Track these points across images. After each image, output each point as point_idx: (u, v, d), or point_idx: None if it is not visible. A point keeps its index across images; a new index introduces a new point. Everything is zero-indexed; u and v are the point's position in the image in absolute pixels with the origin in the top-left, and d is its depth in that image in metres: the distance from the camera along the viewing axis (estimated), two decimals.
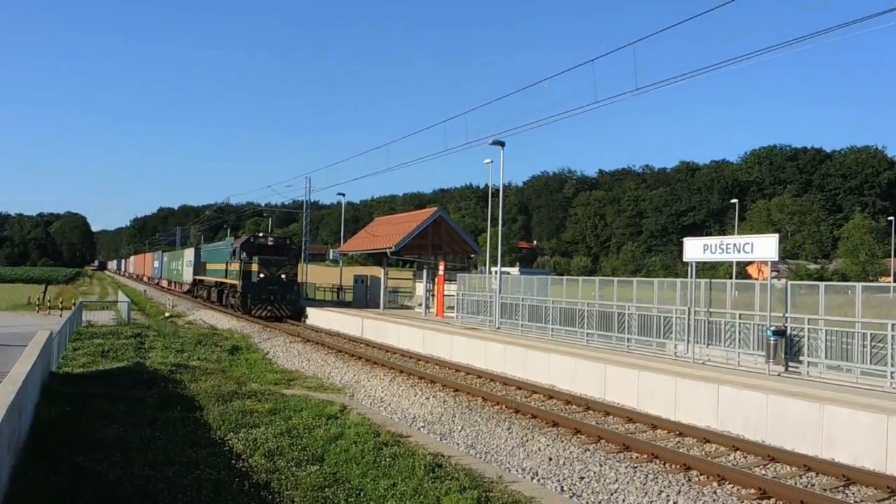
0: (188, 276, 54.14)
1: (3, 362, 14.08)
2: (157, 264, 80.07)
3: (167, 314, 39.57)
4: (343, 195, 52.84)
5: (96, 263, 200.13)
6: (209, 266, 46.08)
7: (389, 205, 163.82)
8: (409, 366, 20.20)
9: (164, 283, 71.27)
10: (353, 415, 13.53)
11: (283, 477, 9.27)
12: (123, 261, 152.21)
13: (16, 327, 27.30)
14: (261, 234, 39.85)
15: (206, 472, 9.20)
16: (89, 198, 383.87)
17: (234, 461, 9.95)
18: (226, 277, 39.54)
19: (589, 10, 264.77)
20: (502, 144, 27.17)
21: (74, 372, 17.44)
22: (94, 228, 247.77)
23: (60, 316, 32.28)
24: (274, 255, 36.33)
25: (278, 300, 35.44)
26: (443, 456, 10.83)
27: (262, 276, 34.87)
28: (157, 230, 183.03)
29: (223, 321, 35.28)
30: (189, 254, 56.48)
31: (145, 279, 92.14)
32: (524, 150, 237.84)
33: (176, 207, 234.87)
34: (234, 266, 36.79)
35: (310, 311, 36.83)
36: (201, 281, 48.64)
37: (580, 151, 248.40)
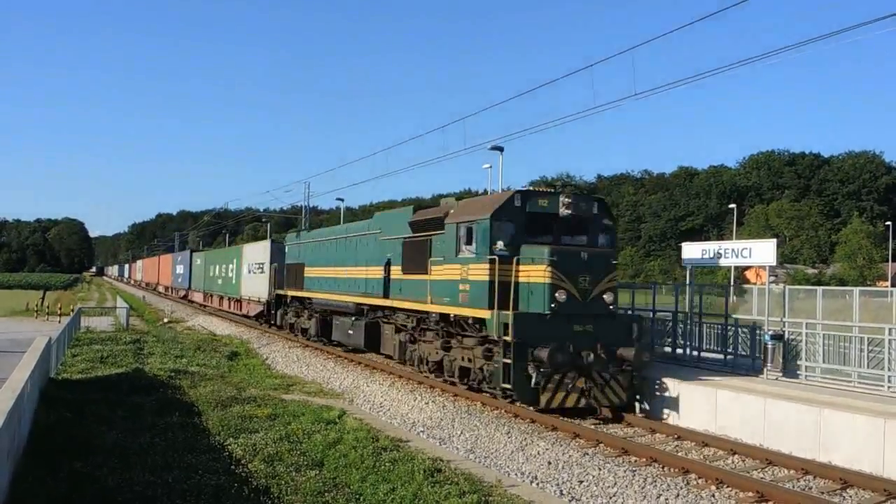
0: (255, 289, 33.95)
1: (2, 369, 14.08)
2: (180, 269, 58.19)
3: (166, 320, 39.56)
4: (342, 200, 52.89)
5: (94, 269, 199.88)
6: (318, 271, 24.92)
7: (388, 209, 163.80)
8: (407, 371, 20.18)
9: (198, 297, 50.38)
10: (352, 420, 13.56)
11: (283, 482, 9.30)
12: (128, 265, 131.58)
13: (14, 333, 27.27)
14: (532, 189, 17.65)
15: (206, 477, 9.22)
16: (87, 203, 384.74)
17: (233, 466, 9.98)
18: (401, 296, 18.12)
19: (587, 16, 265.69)
20: (501, 150, 27.33)
21: (73, 378, 17.46)
22: (92, 234, 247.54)
23: (59, 322, 32.25)
24: (580, 245, 14.98)
25: (603, 365, 13.80)
26: (442, 460, 10.86)
27: (560, 298, 13.66)
28: (156, 236, 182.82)
29: (222, 327, 35.23)
30: (256, 252, 35.10)
31: (161, 289, 71.69)
32: (523, 155, 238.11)
33: (174, 213, 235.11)
34: (469, 272, 14.86)
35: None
36: (297, 301, 27.30)
37: (579, 156, 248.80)
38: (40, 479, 8.68)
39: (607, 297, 14.10)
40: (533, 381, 13.19)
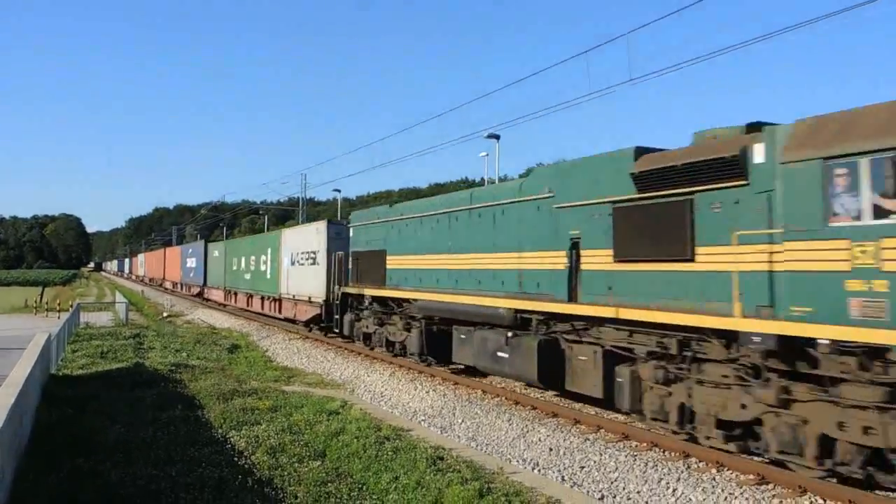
0: (304, 285, 26.42)
1: (3, 365, 14.10)
2: (192, 263, 51.36)
3: (165, 314, 39.56)
4: (339, 191, 53.24)
5: (92, 265, 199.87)
6: (415, 261, 18.41)
7: (385, 199, 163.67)
8: (408, 361, 20.23)
9: (216, 295, 43.69)
10: (353, 410, 13.59)
11: (286, 473, 9.34)
12: (129, 260, 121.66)
13: (14, 330, 27.29)
14: None
15: (209, 470, 9.25)
16: (84, 199, 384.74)
17: (236, 458, 10.01)
18: (612, 297, 11.49)
19: (583, 2, 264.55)
20: (497, 137, 27.25)
21: (74, 374, 17.48)
22: (90, 230, 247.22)
23: (58, 318, 32.26)
24: None
25: None
26: (444, 449, 10.90)
27: None
28: (153, 230, 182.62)
29: (221, 320, 35.26)
30: (303, 237, 27.36)
31: (167, 285, 65.53)
32: (519, 142, 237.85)
33: (171, 207, 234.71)
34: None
35: None
36: (379, 302, 20.26)
37: (575, 142, 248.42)
38: (43, 475, 8.71)
39: None
40: None
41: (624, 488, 9.31)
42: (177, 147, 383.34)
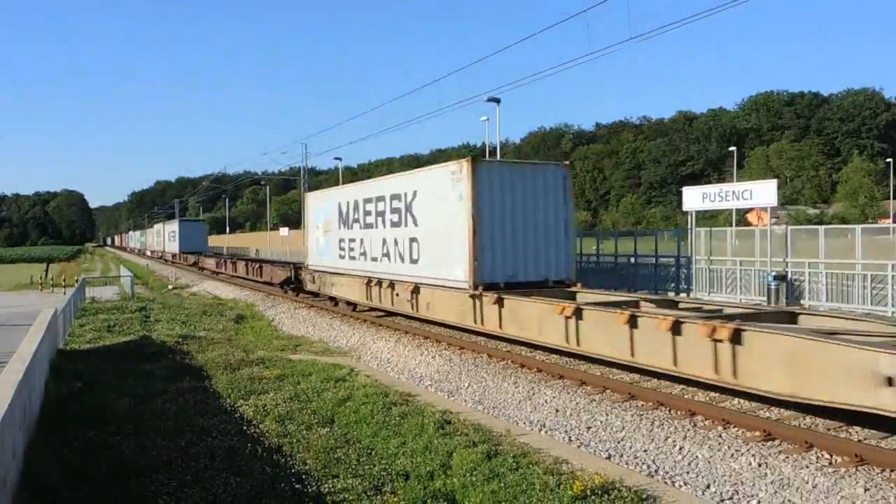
0: None
1: (11, 342, 14.17)
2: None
3: (171, 286, 39.68)
4: (340, 159, 53.05)
5: (100, 241, 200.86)
6: None
7: (387, 167, 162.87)
8: (414, 326, 20.29)
9: None
10: (360, 377, 13.67)
11: (295, 440, 9.42)
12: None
13: (20, 307, 27.43)
14: None
15: (219, 439, 9.34)
16: (85, 174, 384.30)
17: (245, 427, 10.09)
18: None
19: None
20: (498, 101, 26.97)
21: (82, 348, 17.59)
22: (92, 205, 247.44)
23: (64, 293, 32.38)
24: None
25: None
26: (451, 413, 10.96)
27: None
28: (156, 203, 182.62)
29: (226, 291, 35.36)
30: None
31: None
32: (520, 106, 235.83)
33: (173, 180, 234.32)
34: None
35: None
36: None
37: (576, 105, 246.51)
38: (55, 449, 8.79)
39: None
40: None
41: (631, 447, 9.37)
42: (177, 119, 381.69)
